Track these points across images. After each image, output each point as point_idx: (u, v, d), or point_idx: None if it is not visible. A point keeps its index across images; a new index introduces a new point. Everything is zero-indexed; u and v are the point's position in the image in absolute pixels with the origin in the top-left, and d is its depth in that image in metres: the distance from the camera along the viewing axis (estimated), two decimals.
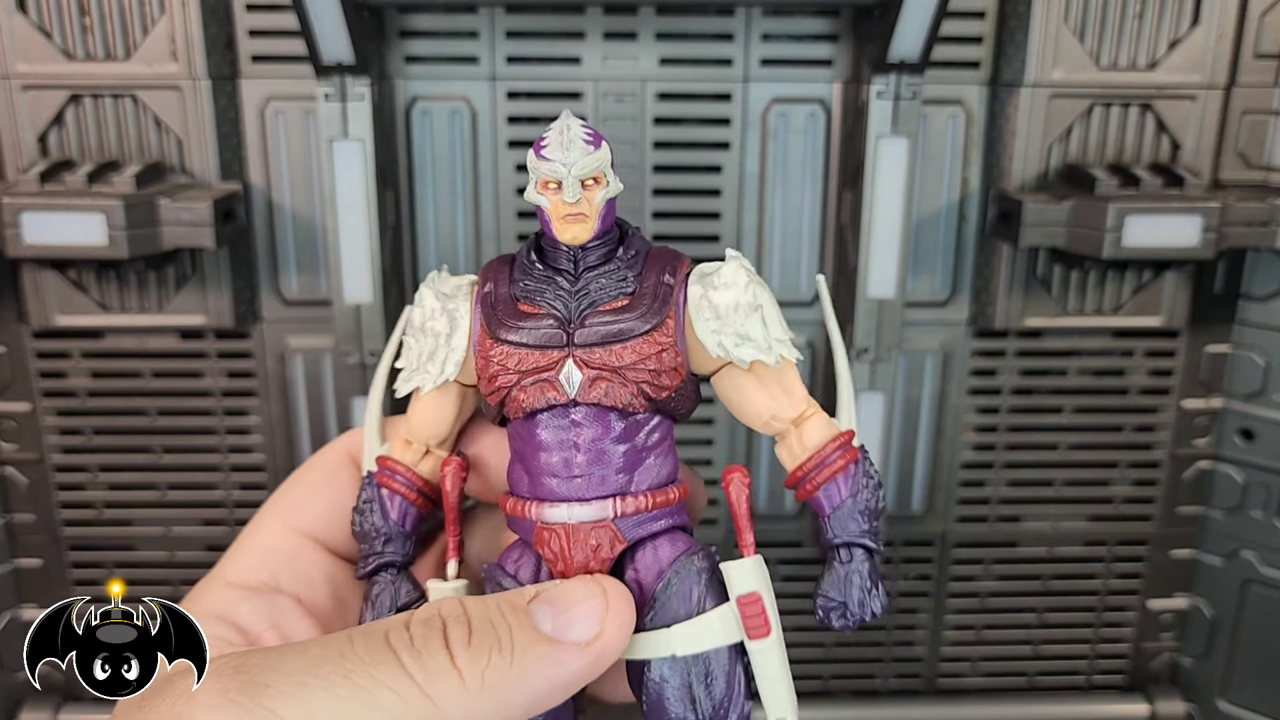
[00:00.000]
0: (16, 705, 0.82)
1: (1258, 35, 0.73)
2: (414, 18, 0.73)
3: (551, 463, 0.35)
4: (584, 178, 0.35)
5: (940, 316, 0.79)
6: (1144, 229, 0.69)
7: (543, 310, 0.36)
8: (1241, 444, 0.81)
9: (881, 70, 0.69)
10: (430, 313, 0.38)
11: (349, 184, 0.70)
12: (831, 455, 0.37)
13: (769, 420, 0.37)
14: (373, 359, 0.73)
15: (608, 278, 0.36)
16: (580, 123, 0.36)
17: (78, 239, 0.67)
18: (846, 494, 0.37)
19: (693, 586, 0.35)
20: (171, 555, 0.82)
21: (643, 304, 0.35)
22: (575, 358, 0.35)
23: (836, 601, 0.36)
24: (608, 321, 0.35)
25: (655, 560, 0.36)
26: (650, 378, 0.35)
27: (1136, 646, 0.88)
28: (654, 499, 0.36)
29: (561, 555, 0.35)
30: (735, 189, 0.77)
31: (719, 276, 0.36)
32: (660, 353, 0.35)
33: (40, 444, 0.79)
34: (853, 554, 0.37)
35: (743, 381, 0.37)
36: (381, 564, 0.38)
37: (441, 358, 0.37)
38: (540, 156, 0.35)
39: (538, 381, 0.35)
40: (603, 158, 0.35)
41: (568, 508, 0.35)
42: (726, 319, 0.36)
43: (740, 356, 0.36)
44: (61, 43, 0.71)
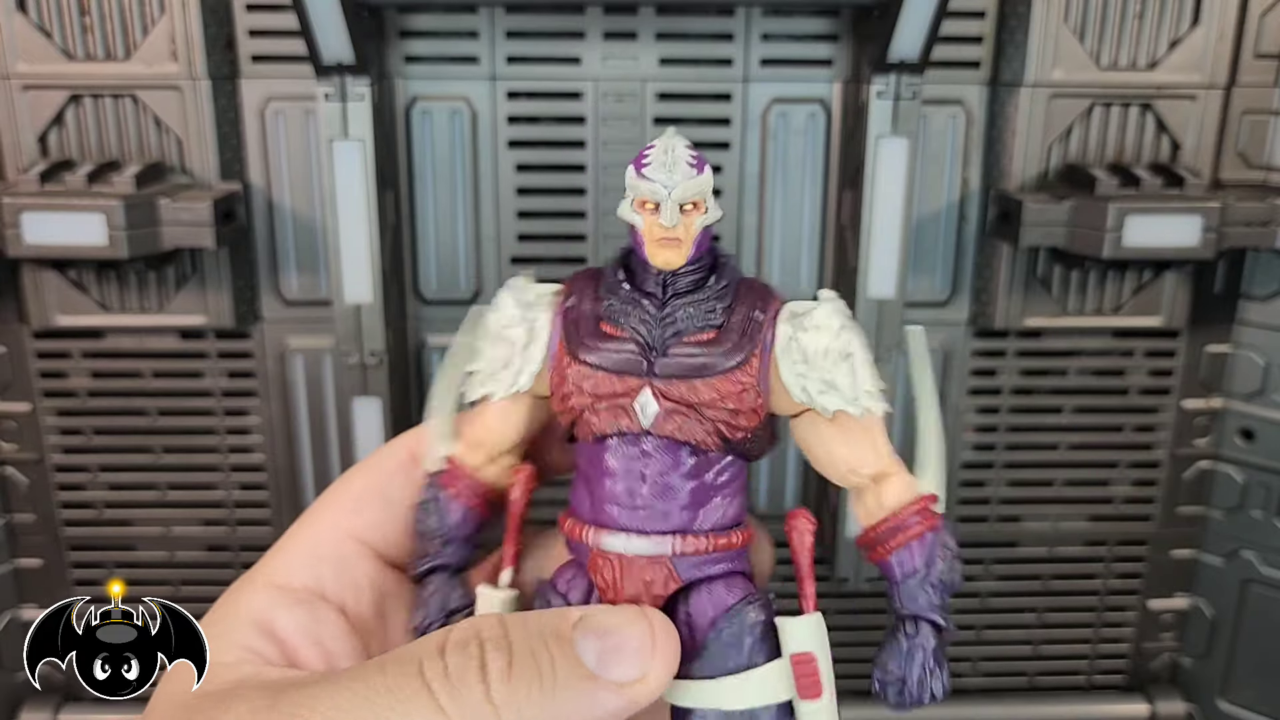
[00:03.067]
0: (16, 705, 0.82)
1: (1258, 35, 0.73)
2: (414, 18, 0.73)
3: (615, 490, 0.34)
4: (684, 202, 0.33)
5: (940, 316, 0.79)
6: (1144, 229, 0.69)
7: (625, 334, 0.34)
8: (1241, 444, 0.81)
9: (881, 70, 0.69)
10: (508, 320, 0.36)
11: (349, 184, 0.70)
12: (909, 519, 0.35)
13: (846, 473, 0.35)
14: (372, 359, 0.73)
15: (696, 307, 0.34)
16: (686, 143, 0.34)
17: (78, 239, 0.67)
18: (920, 563, 0.35)
19: (745, 638, 0.34)
20: (171, 555, 0.82)
21: (729, 339, 0.34)
22: (653, 388, 0.33)
23: (895, 677, 0.35)
24: (691, 354, 0.34)
25: (710, 605, 0.34)
26: (728, 417, 0.34)
27: (1136, 646, 0.88)
28: (715, 541, 0.34)
29: (613, 585, 0.34)
30: (735, 189, 0.77)
31: (811, 318, 0.34)
32: (741, 392, 0.34)
33: (40, 444, 0.79)
34: (919, 628, 0.35)
35: (825, 431, 0.35)
36: (436, 566, 0.37)
37: (516, 368, 0.36)
38: (640, 175, 0.34)
39: (611, 407, 0.34)
40: (705, 183, 0.34)
41: (626, 538, 0.34)
42: (814, 364, 0.34)
43: (824, 405, 0.34)
44: (61, 43, 0.71)
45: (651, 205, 0.34)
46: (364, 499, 0.39)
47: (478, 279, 0.78)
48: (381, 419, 0.76)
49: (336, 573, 0.37)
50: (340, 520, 0.38)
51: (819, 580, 0.36)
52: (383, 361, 0.74)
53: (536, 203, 0.77)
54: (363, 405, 0.75)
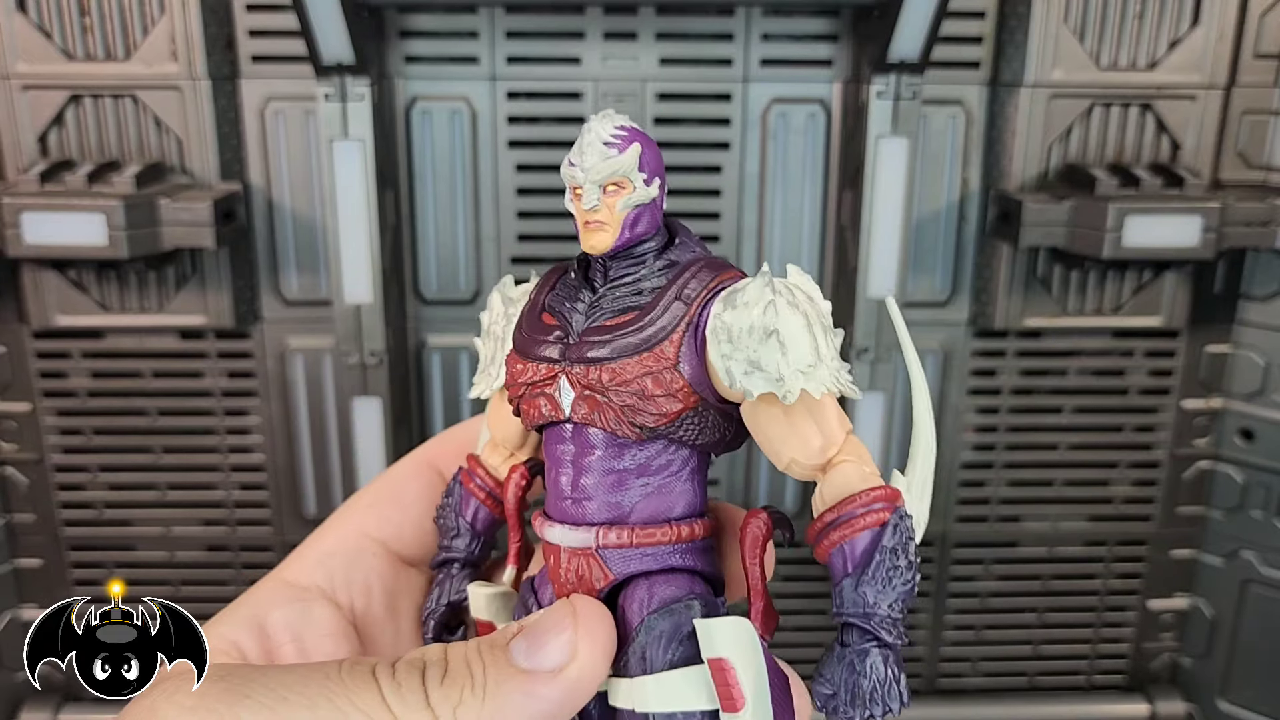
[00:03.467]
0: (16, 705, 0.82)
1: (1258, 35, 0.73)
2: (414, 18, 0.73)
3: (559, 481, 0.34)
4: (602, 183, 0.32)
5: (940, 316, 0.79)
6: (1144, 229, 0.69)
7: (557, 322, 0.33)
8: (1241, 444, 0.81)
9: (881, 70, 0.69)
10: (495, 317, 0.37)
11: (349, 184, 0.70)
12: (853, 511, 0.30)
13: (788, 463, 0.32)
14: (372, 359, 0.73)
15: (625, 288, 0.33)
16: (613, 125, 0.33)
17: (78, 239, 0.67)
18: (859, 562, 0.30)
19: (666, 637, 0.31)
20: (171, 555, 0.82)
21: (645, 319, 0.32)
22: (567, 374, 0.32)
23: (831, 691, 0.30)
24: (598, 340, 0.32)
25: (648, 600, 0.32)
26: (635, 401, 0.31)
27: (1136, 646, 0.88)
28: (639, 534, 0.32)
29: (557, 578, 0.34)
30: (735, 189, 0.77)
31: (741, 295, 0.31)
32: (648, 375, 0.31)
33: (40, 444, 0.79)
34: (852, 637, 0.30)
35: (762, 417, 0.32)
36: (447, 559, 0.38)
37: (498, 362, 0.36)
38: (567, 163, 0.33)
39: (539, 395, 0.33)
40: (624, 162, 0.32)
41: (562, 529, 0.33)
42: (738, 343, 0.31)
43: (747, 387, 0.30)
44: (61, 43, 0.71)
45: (579, 190, 0.33)
46: (379, 498, 0.40)
47: (478, 279, 0.78)
48: (381, 419, 0.76)
49: (346, 570, 0.38)
50: (356, 521, 0.40)
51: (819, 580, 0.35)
52: (383, 361, 0.74)
53: (536, 203, 0.77)
54: (363, 405, 0.75)
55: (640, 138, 0.33)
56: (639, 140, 0.33)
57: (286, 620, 0.36)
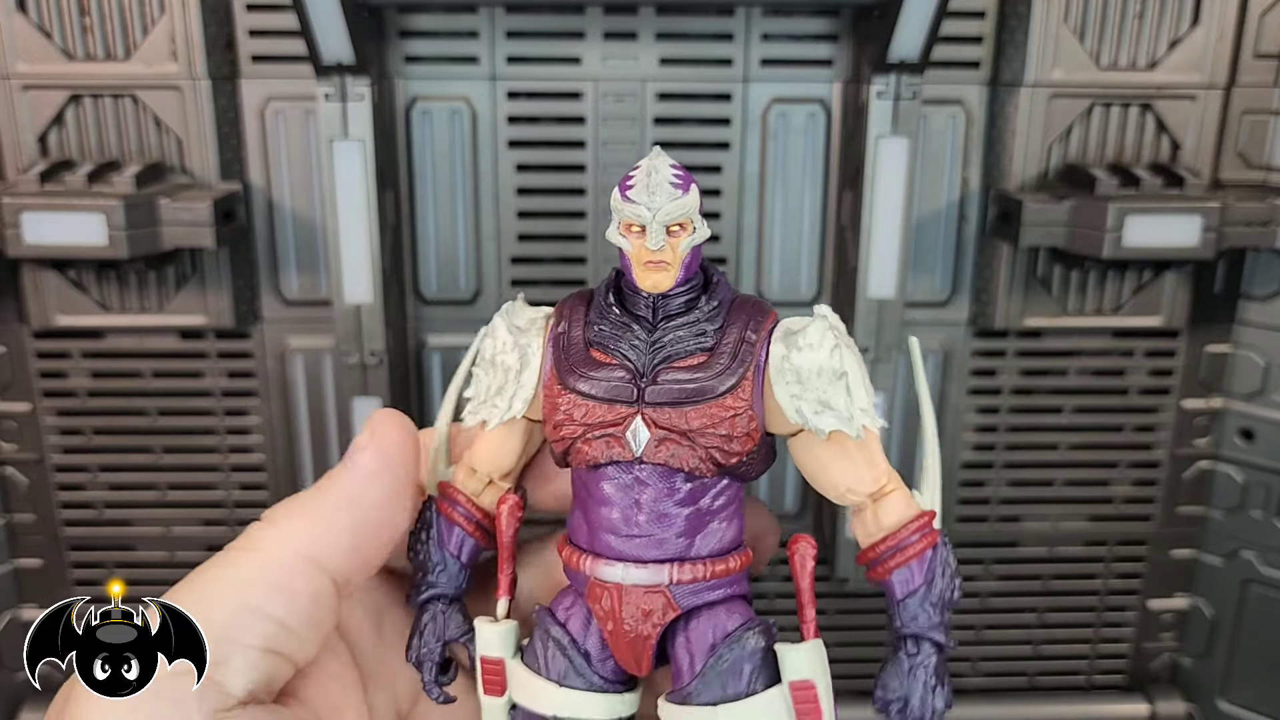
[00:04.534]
0: (16, 705, 0.82)
1: (1258, 35, 0.73)
2: (414, 18, 0.73)
3: (612, 518, 0.34)
4: (669, 224, 0.33)
5: (940, 316, 0.79)
6: (1144, 229, 0.69)
7: (615, 360, 0.34)
8: (1241, 444, 0.81)
9: (881, 70, 0.69)
10: (502, 346, 0.36)
11: (349, 184, 0.70)
12: (909, 538, 0.35)
13: (844, 493, 0.35)
14: (372, 359, 0.73)
15: (686, 330, 0.34)
16: (671, 163, 0.34)
17: (78, 239, 0.67)
18: (920, 582, 0.34)
19: (744, 665, 0.34)
20: (171, 555, 0.82)
21: (720, 363, 0.33)
22: (644, 416, 0.33)
23: (897, 696, 0.34)
24: (680, 381, 0.33)
25: (710, 631, 0.34)
26: (721, 443, 0.33)
27: (1136, 646, 0.88)
28: (713, 568, 0.34)
29: (612, 614, 0.34)
30: (735, 189, 0.77)
31: (804, 337, 0.34)
32: (734, 418, 0.33)
33: (40, 444, 0.79)
34: (920, 647, 0.34)
35: (820, 450, 0.34)
36: (434, 595, 0.37)
37: (510, 394, 0.35)
38: (625, 198, 0.33)
39: (603, 436, 0.33)
40: (690, 203, 0.33)
41: (623, 568, 0.34)
42: (808, 384, 0.33)
43: (819, 426, 0.33)
44: (61, 43, 0.71)
45: (638, 228, 0.33)
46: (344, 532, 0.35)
47: (478, 279, 0.78)
48: None
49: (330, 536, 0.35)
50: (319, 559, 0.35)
51: (820, 580, 0.35)
52: (383, 361, 0.74)
53: (536, 203, 0.77)
54: (363, 405, 0.75)
55: (694, 179, 0.34)
56: (694, 181, 0.34)
57: None
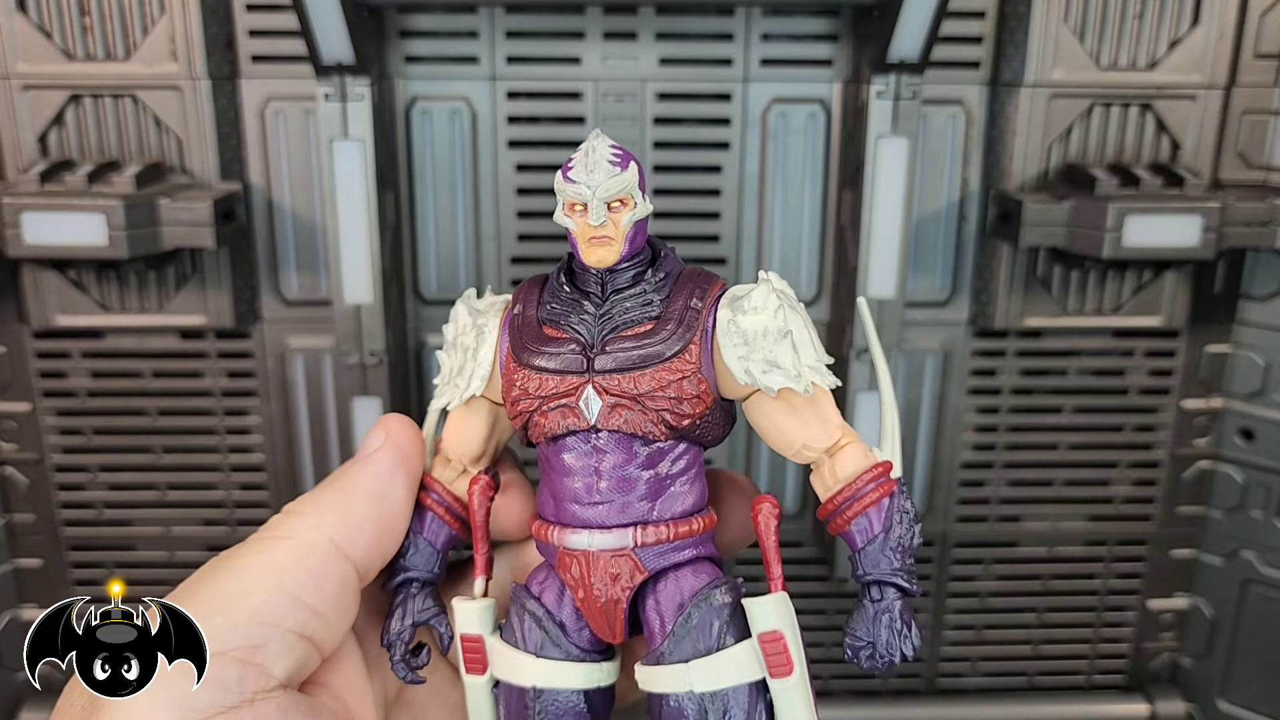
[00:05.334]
0: (16, 705, 0.82)
1: (1258, 35, 0.73)
2: (414, 18, 0.73)
3: (575, 488, 0.35)
4: (609, 200, 0.34)
5: (940, 316, 0.79)
6: (1144, 229, 0.69)
7: (566, 335, 0.35)
8: (1241, 444, 0.81)
9: (881, 70, 0.69)
10: (461, 328, 0.37)
11: (349, 184, 0.70)
12: (865, 488, 0.35)
13: (800, 449, 0.36)
14: (372, 359, 0.73)
15: (633, 301, 0.35)
16: (609, 143, 0.35)
17: (78, 239, 0.67)
18: (879, 529, 0.35)
19: (713, 621, 0.35)
20: (171, 555, 0.82)
21: (666, 329, 0.35)
22: (595, 384, 0.34)
23: (864, 641, 0.35)
24: (628, 348, 0.34)
25: (677, 591, 0.35)
26: (670, 405, 0.34)
27: (1136, 646, 0.88)
28: (676, 529, 0.35)
29: (582, 582, 0.35)
30: (735, 189, 0.77)
31: (749, 300, 0.35)
32: (681, 380, 0.34)
33: (40, 444, 0.79)
34: (884, 592, 0.35)
35: (772, 409, 0.35)
36: (406, 579, 0.38)
37: (469, 373, 0.37)
38: (566, 178, 0.35)
39: (558, 407, 0.35)
40: (628, 179, 0.35)
41: (589, 534, 0.35)
42: (754, 345, 0.34)
43: (767, 384, 0.34)
44: (61, 43, 0.71)
45: (580, 206, 0.35)
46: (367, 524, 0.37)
47: (478, 279, 0.78)
48: None
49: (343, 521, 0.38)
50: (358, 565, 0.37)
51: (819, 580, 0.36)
52: (383, 361, 0.74)
53: (536, 203, 0.77)
54: (363, 405, 0.75)
55: (633, 157, 0.35)
56: (634, 159, 0.35)
57: None
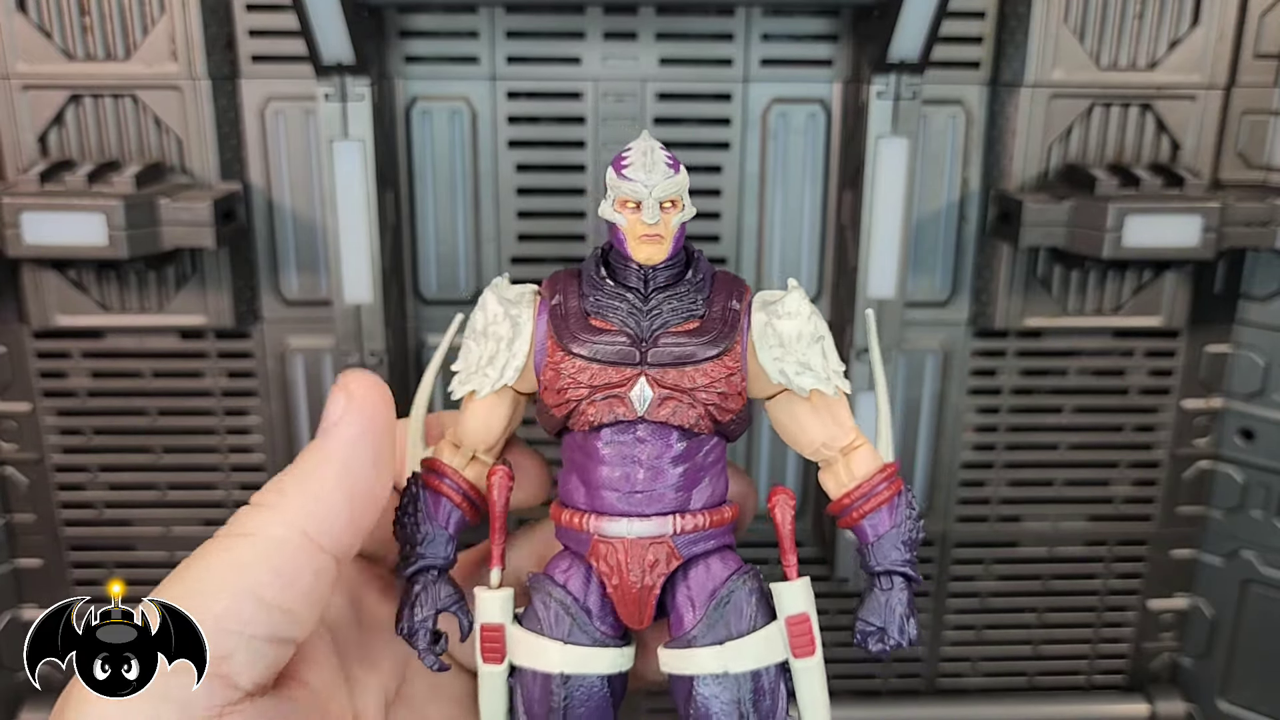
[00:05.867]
0: (16, 705, 0.82)
1: (1258, 35, 0.73)
2: (414, 18, 0.73)
3: (612, 477, 0.36)
4: (664, 200, 0.36)
5: (940, 316, 0.79)
6: (1144, 229, 0.69)
7: (614, 327, 0.36)
8: (1241, 444, 0.81)
9: (881, 70, 0.69)
10: (493, 317, 0.38)
11: (349, 184, 0.70)
12: (878, 486, 0.38)
13: (820, 447, 0.38)
14: (373, 359, 0.73)
15: (679, 300, 0.37)
16: (660, 146, 0.37)
17: (78, 239, 0.67)
18: (890, 524, 0.38)
19: (744, 605, 0.36)
20: (171, 555, 0.82)
21: (713, 328, 0.36)
22: (648, 376, 0.36)
23: (875, 627, 0.38)
24: (680, 343, 0.36)
25: (709, 578, 0.37)
26: (718, 400, 0.36)
27: (1136, 646, 0.88)
28: (711, 517, 0.37)
29: (618, 569, 0.36)
30: (735, 189, 0.77)
31: (783, 305, 0.37)
32: (729, 376, 0.36)
33: (40, 444, 0.79)
34: (893, 582, 0.38)
35: (798, 409, 0.38)
36: (423, 566, 0.38)
37: (501, 363, 0.37)
38: (621, 175, 0.36)
39: (608, 397, 0.36)
40: (683, 182, 0.36)
41: (628, 522, 0.36)
42: (790, 348, 0.37)
43: (801, 385, 0.37)
44: (61, 43, 0.71)
45: (633, 204, 0.36)
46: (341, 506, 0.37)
47: (478, 279, 0.78)
48: None
49: None
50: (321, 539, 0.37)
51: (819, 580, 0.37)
52: (383, 361, 0.74)
53: (536, 203, 0.77)
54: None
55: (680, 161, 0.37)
56: (681, 163, 0.37)
57: None
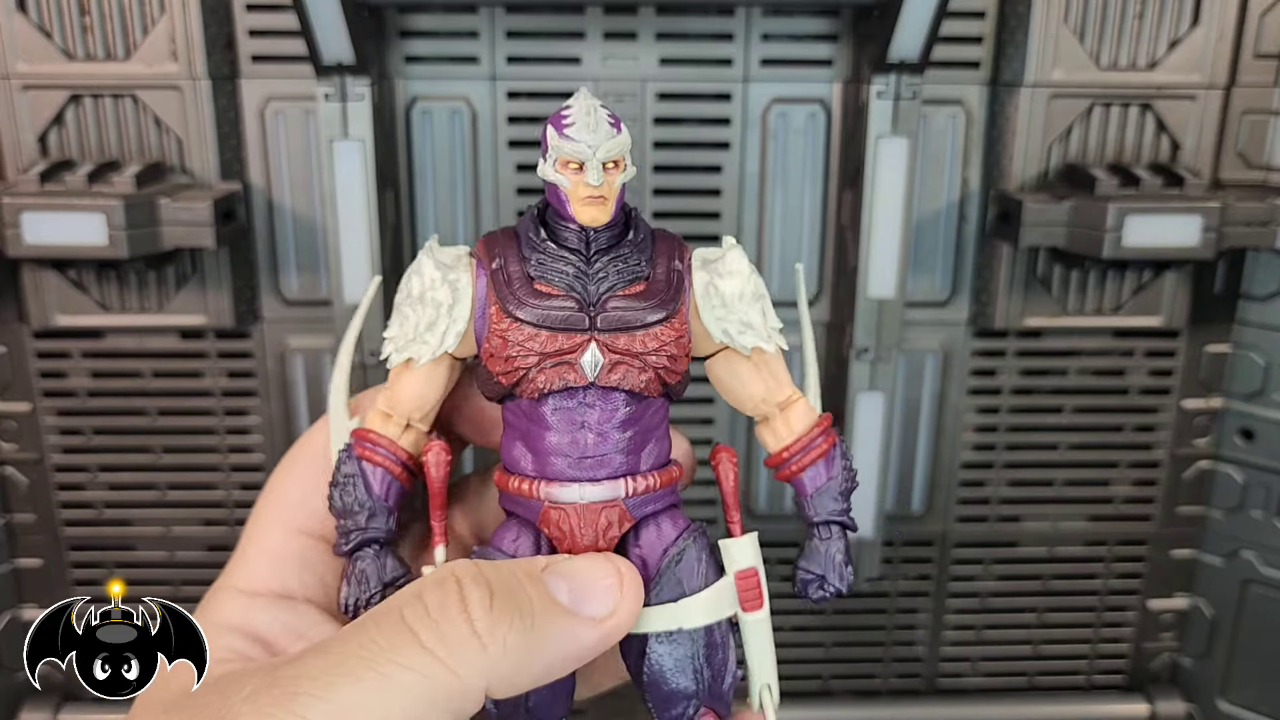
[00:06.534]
0: (16, 705, 0.82)
1: (1258, 35, 0.73)
2: (414, 18, 0.73)
3: (561, 443, 0.35)
4: (607, 161, 0.35)
5: (940, 316, 0.79)
6: (1144, 229, 0.69)
7: (560, 291, 0.35)
8: (1241, 444, 0.81)
9: (881, 70, 0.69)
10: (430, 282, 0.37)
11: (349, 184, 0.70)
12: (816, 439, 0.38)
13: (759, 403, 0.39)
14: (372, 359, 0.73)
15: (623, 261, 0.36)
16: (600, 103, 0.36)
17: (78, 239, 0.67)
18: (827, 476, 0.38)
19: (696, 562, 0.36)
20: (171, 555, 0.82)
21: (659, 290, 0.36)
22: (598, 341, 0.35)
23: (815, 575, 0.39)
24: (629, 307, 0.35)
25: (659, 538, 0.37)
26: (668, 363, 0.36)
27: (1136, 646, 0.88)
28: (660, 478, 0.36)
29: (570, 534, 0.36)
30: (735, 189, 0.77)
31: (724, 264, 0.37)
32: (679, 339, 0.36)
33: (40, 444, 0.79)
34: (832, 531, 0.39)
35: (739, 366, 0.38)
36: (365, 540, 0.37)
37: (442, 329, 0.36)
38: (564, 135, 0.35)
39: (558, 364, 0.35)
40: (625, 142, 0.35)
41: (579, 487, 0.35)
42: (732, 306, 0.37)
43: (743, 343, 0.37)
44: (61, 43, 0.71)
45: (575, 165, 0.35)
46: (300, 494, 0.39)
47: None
48: None
49: (299, 571, 0.38)
50: (285, 520, 0.39)
51: None
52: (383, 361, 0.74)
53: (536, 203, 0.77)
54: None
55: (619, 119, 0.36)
56: (622, 120, 0.36)
57: (279, 621, 0.36)
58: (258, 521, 0.39)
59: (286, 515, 0.39)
